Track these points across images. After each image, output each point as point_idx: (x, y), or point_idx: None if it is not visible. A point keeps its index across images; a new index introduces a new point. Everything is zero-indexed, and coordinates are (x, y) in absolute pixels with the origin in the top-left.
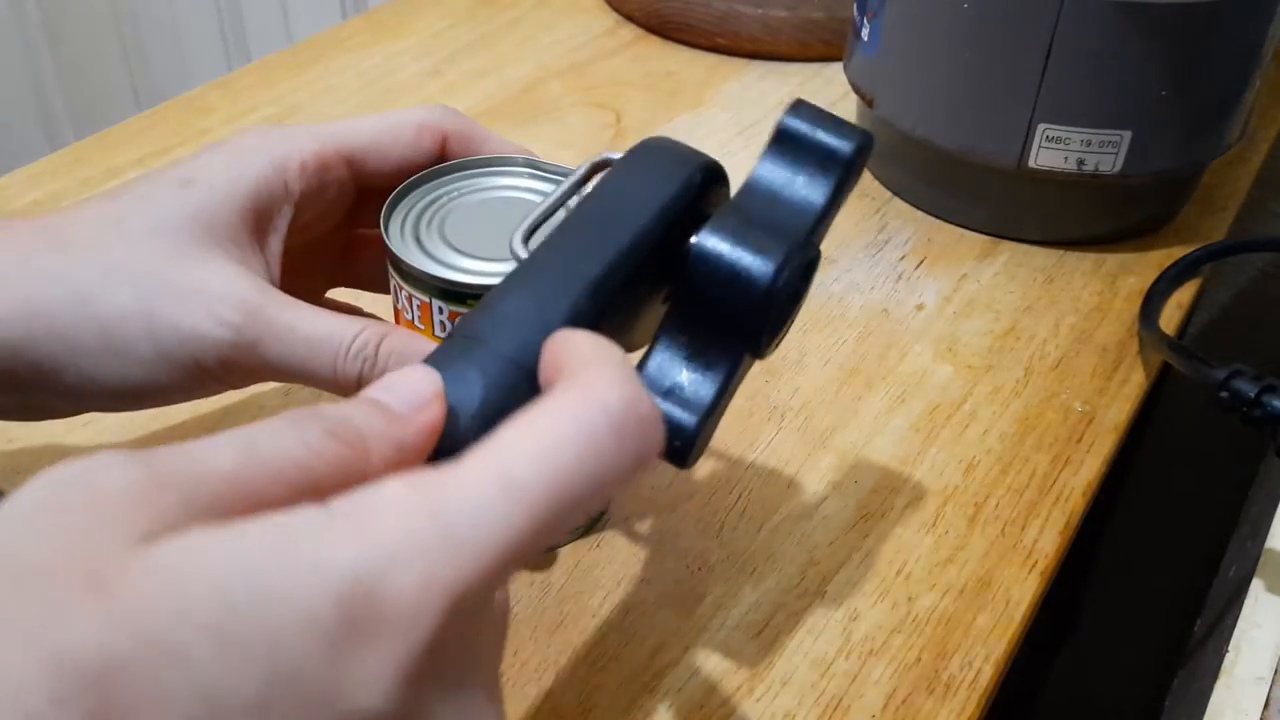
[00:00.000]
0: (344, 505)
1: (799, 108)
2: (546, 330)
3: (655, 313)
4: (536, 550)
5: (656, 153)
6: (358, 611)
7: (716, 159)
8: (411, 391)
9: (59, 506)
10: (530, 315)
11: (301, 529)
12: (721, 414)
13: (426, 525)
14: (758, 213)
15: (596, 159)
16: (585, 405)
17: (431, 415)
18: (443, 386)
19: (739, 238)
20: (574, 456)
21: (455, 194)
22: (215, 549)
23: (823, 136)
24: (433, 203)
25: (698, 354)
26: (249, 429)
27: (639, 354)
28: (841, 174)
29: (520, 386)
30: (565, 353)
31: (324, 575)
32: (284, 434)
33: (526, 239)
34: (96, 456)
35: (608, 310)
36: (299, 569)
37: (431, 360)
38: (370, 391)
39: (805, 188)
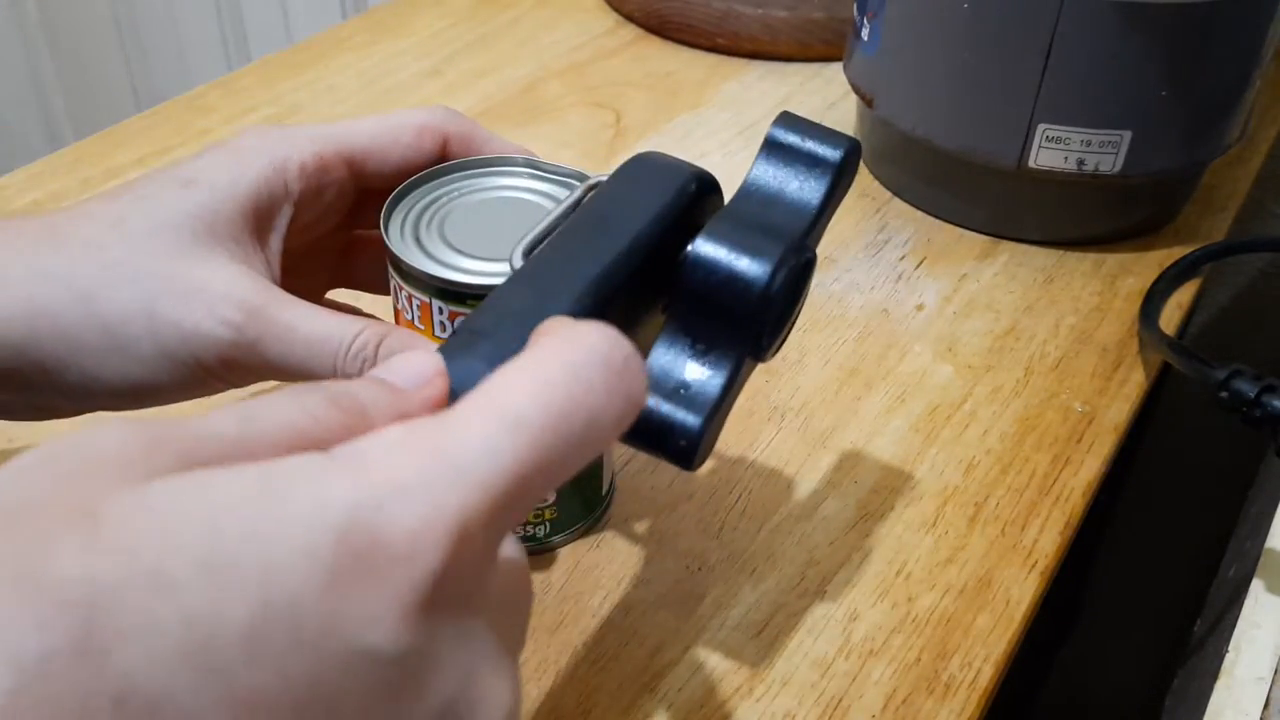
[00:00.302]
0: (344, 449)
1: (786, 119)
2: None
3: (654, 328)
4: (539, 490)
5: (651, 164)
6: (358, 546)
7: (713, 165)
8: (413, 370)
9: (53, 461)
10: (531, 312)
11: (300, 469)
12: (725, 416)
13: (429, 460)
14: (752, 217)
15: (591, 180)
16: (571, 348)
17: (434, 391)
18: (444, 366)
19: (734, 241)
20: (567, 394)
21: (455, 194)
22: (209, 487)
23: (811, 145)
24: (433, 203)
25: (699, 357)
26: (249, 402)
27: None
28: (833, 179)
29: None
30: (549, 322)
31: (322, 510)
32: (285, 403)
33: (526, 256)
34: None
35: (607, 310)
36: (296, 504)
37: (442, 350)
38: (373, 371)
39: (798, 192)
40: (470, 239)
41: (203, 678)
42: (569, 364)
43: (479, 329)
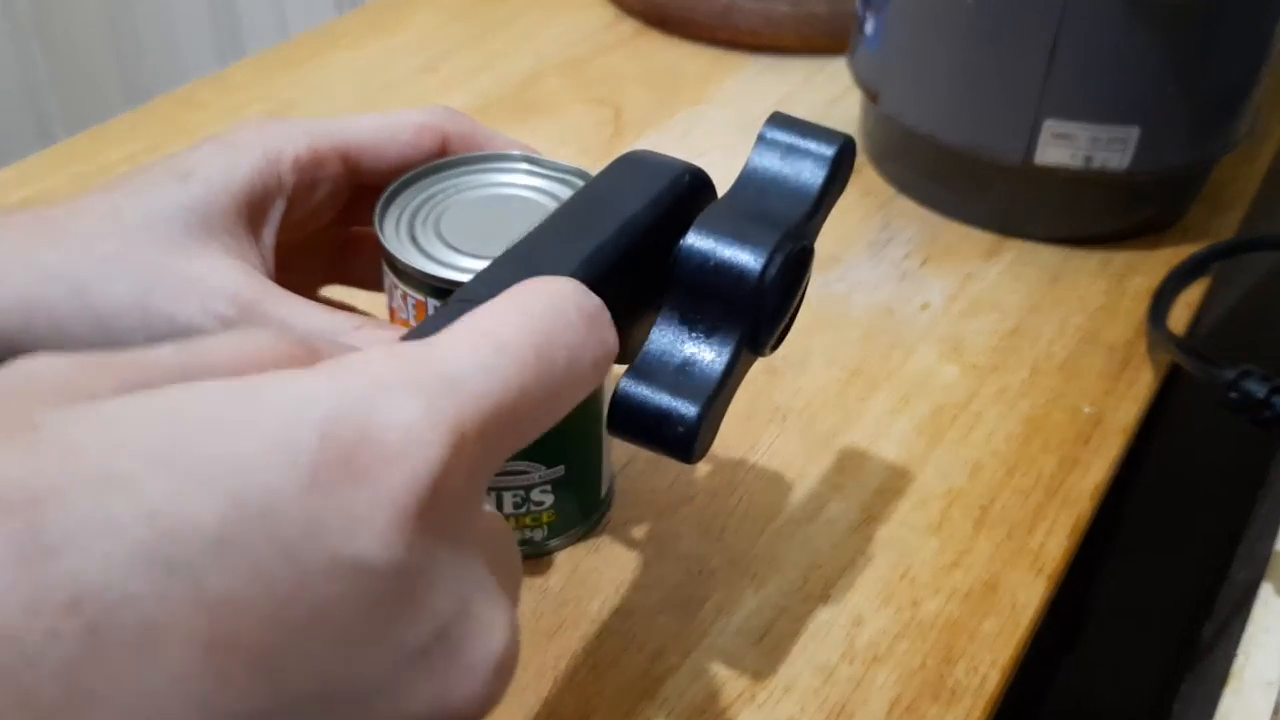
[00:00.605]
0: (324, 362)
1: (778, 119)
2: None
3: (646, 327)
4: (527, 422)
5: (642, 160)
6: (345, 442)
7: (713, 163)
8: (380, 334)
9: None
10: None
11: (273, 376)
12: (724, 408)
13: (421, 370)
14: (746, 209)
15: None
16: (545, 291)
17: None
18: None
19: (728, 230)
20: (549, 326)
21: (452, 191)
22: (163, 394)
23: (805, 143)
24: (428, 199)
25: (695, 346)
26: (190, 338)
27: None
28: (828, 174)
29: None
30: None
31: (302, 405)
32: (232, 335)
33: None
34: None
35: (600, 292)
36: (272, 400)
37: (428, 321)
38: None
39: (793, 187)
40: (467, 236)
41: (167, 581)
42: (547, 306)
43: (469, 298)
